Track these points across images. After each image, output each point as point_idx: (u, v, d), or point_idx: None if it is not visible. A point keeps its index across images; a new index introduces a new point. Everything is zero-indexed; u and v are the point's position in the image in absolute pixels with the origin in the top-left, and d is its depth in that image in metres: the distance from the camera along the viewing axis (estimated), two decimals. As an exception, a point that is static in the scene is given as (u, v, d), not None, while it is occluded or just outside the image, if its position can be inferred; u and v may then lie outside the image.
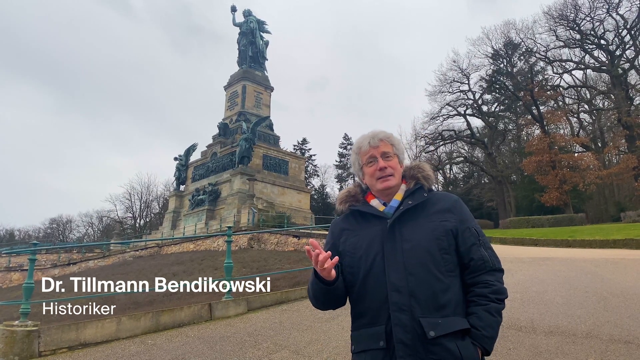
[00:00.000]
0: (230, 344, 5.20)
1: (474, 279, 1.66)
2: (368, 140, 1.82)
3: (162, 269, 18.86)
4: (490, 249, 1.72)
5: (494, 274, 1.67)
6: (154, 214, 74.30)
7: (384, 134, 1.85)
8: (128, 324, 5.90)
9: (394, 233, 1.67)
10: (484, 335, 1.56)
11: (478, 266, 1.66)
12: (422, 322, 1.53)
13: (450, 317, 1.57)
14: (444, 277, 1.61)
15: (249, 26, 44.31)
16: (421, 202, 1.72)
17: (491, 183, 53.98)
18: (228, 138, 39.34)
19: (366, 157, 1.82)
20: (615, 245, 16.48)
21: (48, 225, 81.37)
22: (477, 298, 1.62)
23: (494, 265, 1.68)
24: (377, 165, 1.78)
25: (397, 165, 1.81)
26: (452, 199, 1.78)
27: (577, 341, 4.58)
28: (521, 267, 10.53)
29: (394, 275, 1.60)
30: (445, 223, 1.68)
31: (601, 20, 45.02)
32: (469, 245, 1.67)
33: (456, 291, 1.63)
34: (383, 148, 1.80)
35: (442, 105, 52.65)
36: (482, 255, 1.67)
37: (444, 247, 1.64)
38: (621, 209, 39.72)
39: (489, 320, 1.58)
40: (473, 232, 1.70)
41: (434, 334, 1.51)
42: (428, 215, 1.70)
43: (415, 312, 1.55)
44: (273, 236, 22.66)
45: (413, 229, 1.67)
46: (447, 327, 1.54)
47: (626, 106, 41.26)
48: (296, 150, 68.51)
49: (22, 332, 5.11)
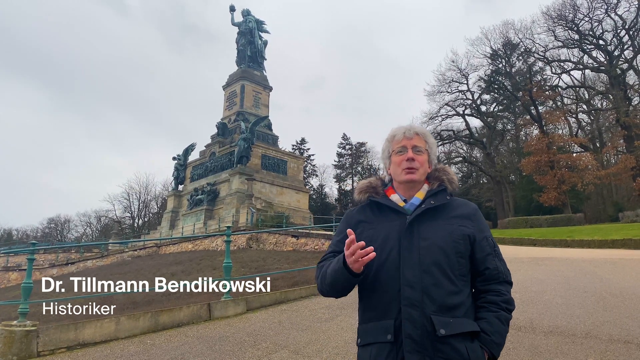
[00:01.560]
0: (229, 344, 5.19)
1: (486, 287, 1.69)
2: (404, 131, 1.83)
3: (161, 269, 18.82)
4: (503, 261, 1.75)
5: (505, 285, 1.70)
6: (153, 214, 74.29)
7: (421, 129, 1.86)
8: (127, 324, 5.88)
9: (412, 230, 1.66)
10: (493, 341, 1.59)
11: (492, 276, 1.69)
12: (433, 319, 1.53)
13: (460, 318, 1.58)
14: (456, 280, 1.62)
15: (248, 26, 44.27)
16: (443, 204, 1.73)
17: (490, 183, 54.07)
18: (227, 138, 39.30)
19: (398, 145, 1.81)
20: (614, 245, 16.52)
21: (46, 225, 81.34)
22: (488, 305, 1.65)
23: (506, 277, 1.72)
24: (406, 155, 1.77)
25: (426, 162, 1.81)
26: (472, 207, 1.79)
27: (577, 341, 4.59)
28: (520, 267, 10.54)
29: (408, 271, 1.60)
30: (463, 228, 1.68)
31: (600, 20, 45.14)
32: (485, 254, 1.70)
33: (466, 296, 1.65)
34: (416, 142, 1.80)
35: (440, 105, 52.76)
36: (497, 265, 1.70)
37: (460, 250, 1.65)
38: (619, 209, 39.74)
39: (499, 327, 1.61)
40: (490, 242, 1.73)
41: (444, 332, 1.52)
42: (448, 218, 1.70)
43: (427, 309, 1.55)
44: (272, 236, 22.64)
45: (432, 229, 1.66)
46: (458, 327, 1.55)
47: (624, 106, 41.33)
48: (295, 150, 68.50)
49: (20, 332, 5.09)
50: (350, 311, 6.57)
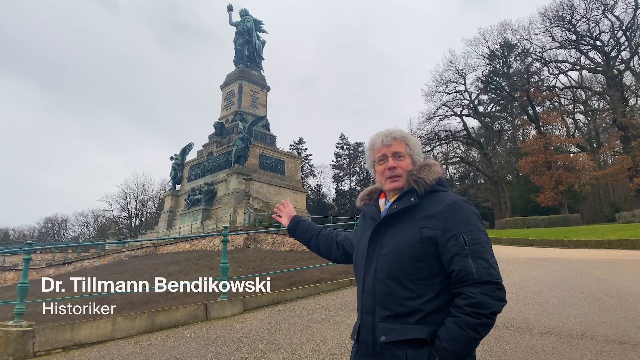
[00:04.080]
0: (226, 344, 5.18)
1: (457, 290, 1.54)
2: (381, 138, 1.79)
3: (158, 269, 18.78)
4: (482, 258, 1.53)
5: (480, 287, 1.49)
6: (150, 214, 74.14)
7: (399, 133, 1.80)
8: (123, 324, 5.86)
9: (377, 237, 1.70)
10: (445, 348, 1.46)
11: (460, 278, 1.52)
12: (378, 326, 1.59)
13: (410, 325, 1.53)
14: (413, 286, 1.56)
15: (246, 25, 44.19)
16: (407, 206, 1.67)
17: (487, 183, 54.17)
18: (224, 137, 39.24)
19: (378, 155, 1.79)
20: (610, 245, 16.59)
21: (43, 224, 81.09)
22: (453, 309, 1.51)
23: (481, 277, 1.50)
24: (387, 164, 1.76)
25: (409, 166, 1.76)
26: (447, 203, 1.63)
27: (573, 341, 4.60)
28: (517, 267, 10.58)
29: (367, 278, 1.67)
30: (425, 230, 1.59)
31: (597, 21, 45.34)
32: (451, 255, 1.54)
33: (429, 299, 1.55)
34: (395, 147, 1.76)
35: (438, 106, 53.00)
36: (464, 266, 1.51)
37: (417, 254, 1.57)
38: (616, 210, 39.94)
39: (455, 334, 1.46)
40: (459, 242, 1.54)
41: (384, 339, 1.56)
42: (413, 220, 1.64)
43: (377, 316, 1.60)
44: (269, 236, 22.63)
45: (393, 235, 1.65)
46: (400, 334, 1.54)
47: (621, 107, 41.50)
48: (292, 150, 68.44)
49: (16, 333, 5.07)
50: (347, 311, 6.58)
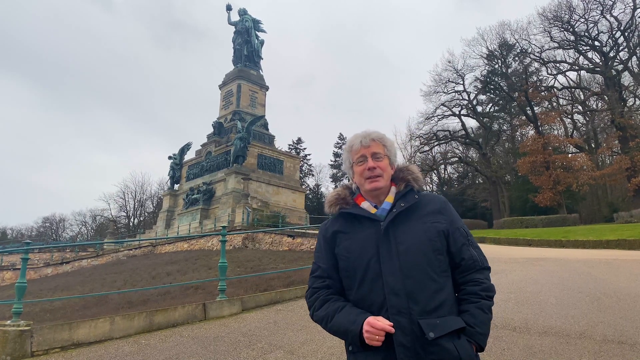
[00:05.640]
0: (224, 344, 5.17)
1: (465, 278, 1.71)
2: (360, 140, 1.82)
3: (156, 269, 18.78)
4: (477, 248, 1.78)
5: (483, 272, 1.72)
6: (148, 213, 74.07)
7: (376, 134, 1.85)
8: (121, 324, 5.85)
9: (388, 235, 1.67)
10: (478, 332, 1.61)
11: (469, 265, 1.71)
12: (421, 323, 1.54)
13: (446, 317, 1.59)
14: (439, 278, 1.64)
15: (245, 25, 44.17)
16: (413, 204, 1.73)
17: (485, 183, 54.21)
18: (223, 137, 39.22)
19: (357, 156, 1.82)
20: (608, 245, 16.61)
21: (41, 224, 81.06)
22: (469, 296, 1.67)
23: (483, 264, 1.74)
24: (367, 165, 1.77)
25: (388, 166, 1.81)
26: (441, 200, 1.81)
27: (571, 341, 4.60)
28: (515, 267, 10.59)
29: (391, 278, 1.60)
30: (437, 224, 1.70)
31: (595, 21, 45.40)
32: (460, 245, 1.72)
33: (450, 291, 1.67)
34: (374, 148, 1.80)
35: (437, 106, 52.99)
36: (471, 254, 1.72)
37: (437, 248, 1.66)
38: (614, 210, 39.99)
39: (482, 317, 1.63)
40: (462, 233, 1.74)
41: (433, 335, 1.53)
42: (420, 217, 1.72)
43: (414, 314, 1.56)
44: (268, 236, 22.63)
45: (407, 231, 1.67)
46: (445, 327, 1.56)
47: (619, 107, 41.58)
48: (291, 149, 68.46)
49: (14, 332, 5.05)
50: (345, 311, 6.56)
